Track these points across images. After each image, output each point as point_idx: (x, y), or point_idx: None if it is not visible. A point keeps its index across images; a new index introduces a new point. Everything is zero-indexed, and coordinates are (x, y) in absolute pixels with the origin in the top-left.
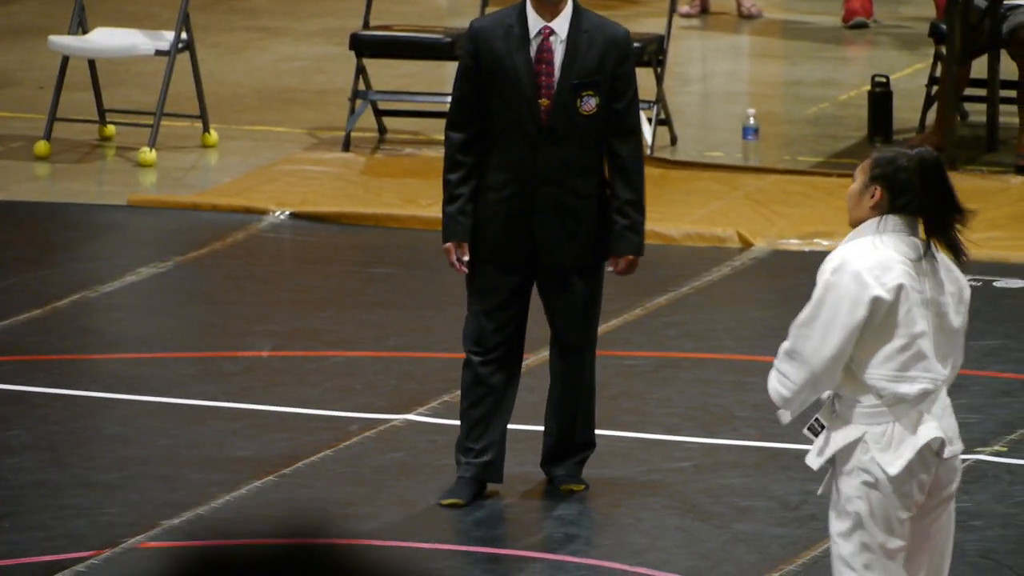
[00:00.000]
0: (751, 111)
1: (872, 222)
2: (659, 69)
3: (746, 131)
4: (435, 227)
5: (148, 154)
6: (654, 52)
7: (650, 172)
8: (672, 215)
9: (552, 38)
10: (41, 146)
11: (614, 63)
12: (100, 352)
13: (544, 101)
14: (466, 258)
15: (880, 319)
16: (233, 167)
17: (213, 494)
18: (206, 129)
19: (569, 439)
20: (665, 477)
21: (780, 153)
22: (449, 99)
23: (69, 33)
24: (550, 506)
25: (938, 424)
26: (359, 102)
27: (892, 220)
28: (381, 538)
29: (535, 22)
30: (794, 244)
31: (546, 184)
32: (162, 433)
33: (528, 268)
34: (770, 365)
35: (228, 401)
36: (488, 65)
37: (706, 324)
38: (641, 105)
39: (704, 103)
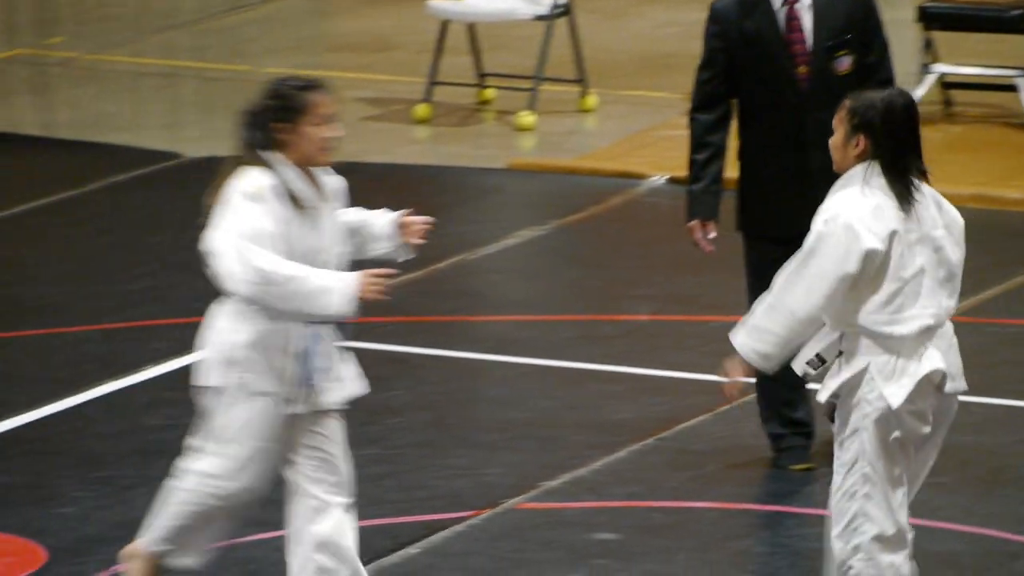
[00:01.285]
0: None
1: (859, 170)
2: None
3: None
4: None
5: (527, 118)
6: None
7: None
8: None
9: (797, 5)
10: (421, 109)
11: (861, 17)
12: (479, 314)
13: (802, 69)
14: (712, 235)
15: (874, 269)
16: (611, 132)
17: (592, 456)
18: (585, 93)
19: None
20: None
21: None
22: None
23: None
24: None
25: (942, 357)
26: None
27: (879, 166)
28: (760, 503)
29: None
30: None
31: (815, 150)
32: (543, 395)
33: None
34: None
35: (608, 364)
36: (737, 45)
37: None
38: (1022, 72)
39: None
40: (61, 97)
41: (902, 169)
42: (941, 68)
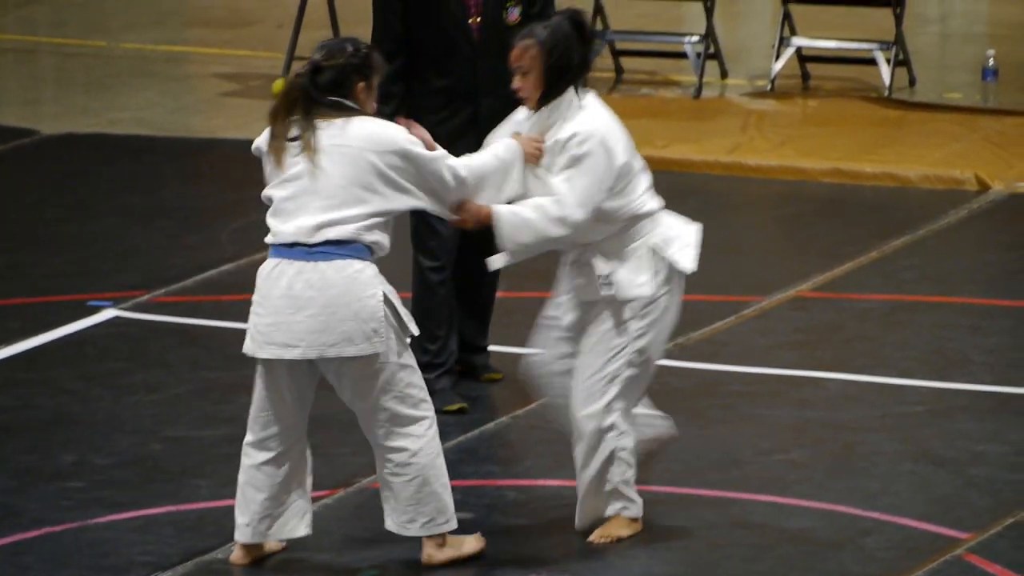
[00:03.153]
0: (990, 52)
1: (570, 94)
2: (898, 10)
3: (985, 72)
4: (672, 168)
5: None
6: None
7: (887, 114)
8: (910, 157)
9: None
10: (280, 84)
11: None
12: None
13: (475, 19)
14: None
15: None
16: None
17: (445, 435)
18: None
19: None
20: (898, 421)
21: (1019, 95)
22: (685, 38)
23: None
24: (782, 447)
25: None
26: (597, 42)
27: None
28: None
29: None
30: None
31: (487, 97)
32: None
33: None
34: (1008, 309)
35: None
36: None
37: (943, 267)
38: (880, 46)
39: (943, 44)
40: None
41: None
42: (799, 41)
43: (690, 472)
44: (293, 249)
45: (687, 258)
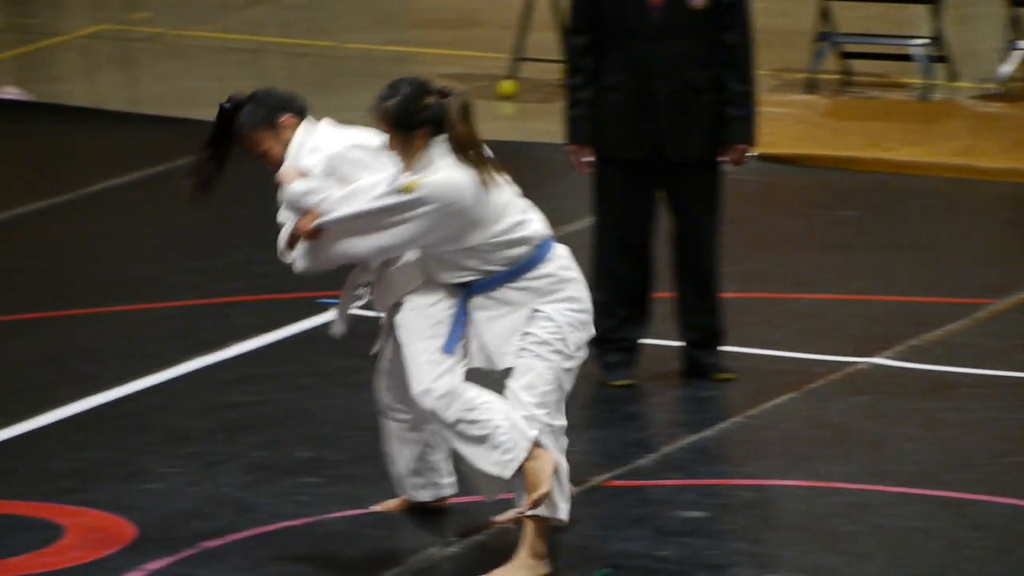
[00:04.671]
0: None
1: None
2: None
3: None
4: (901, 171)
5: None
6: None
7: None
8: None
9: None
10: (506, 85)
11: None
12: None
13: (660, 0)
14: (589, 159)
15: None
16: None
17: (678, 434)
18: None
19: (709, 329)
20: None
21: None
22: (913, 40)
23: None
24: (1018, 450)
25: None
26: (823, 44)
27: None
28: (850, 481)
29: None
30: None
31: (663, 79)
32: None
33: (650, 168)
34: None
35: None
36: None
37: None
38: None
39: None
40: (147, 73)
41: None
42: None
43: (925, 474)
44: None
45: None
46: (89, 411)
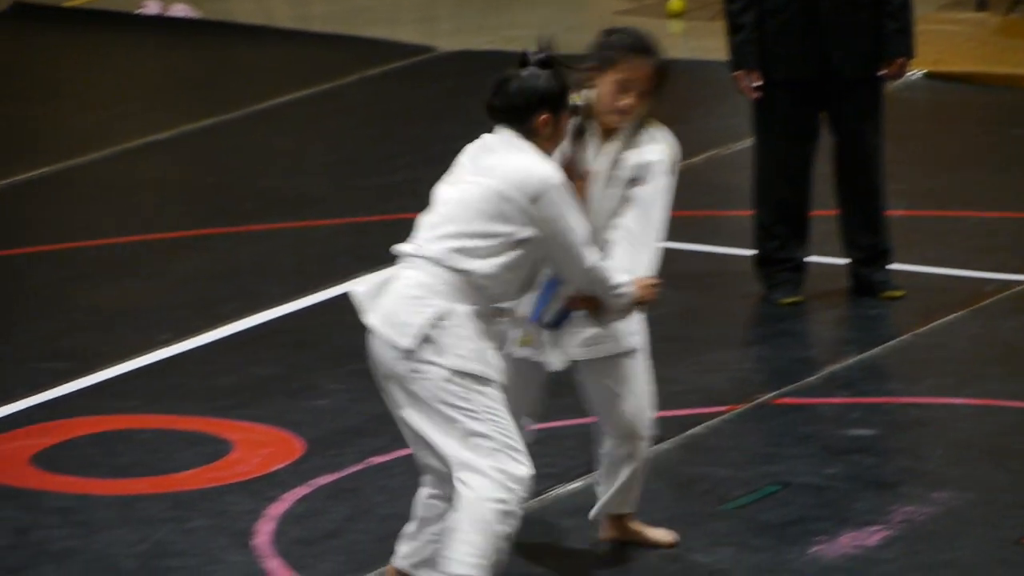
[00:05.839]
0: None
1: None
2: None
3: None
4: None
5: None
6: None
7: None
8: None
9: None
10: (675, 3)
11: None
12: (733, 209)
13: None
14: (757, 83)
15: None
16: None
17: (847, 352)
18: None
19: (876, 247)
20: None
21: None
22: None
23: None
24: None
25: None
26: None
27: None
28: (1019, 399)
29: None
30: None
31: (830, 35)
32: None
33: (815, 87)
34: None
35: None
36: None
37: None
38: None
39: None
40: None
41: None
42: None
43: None
44: None
45: None
46: (257, 327)
